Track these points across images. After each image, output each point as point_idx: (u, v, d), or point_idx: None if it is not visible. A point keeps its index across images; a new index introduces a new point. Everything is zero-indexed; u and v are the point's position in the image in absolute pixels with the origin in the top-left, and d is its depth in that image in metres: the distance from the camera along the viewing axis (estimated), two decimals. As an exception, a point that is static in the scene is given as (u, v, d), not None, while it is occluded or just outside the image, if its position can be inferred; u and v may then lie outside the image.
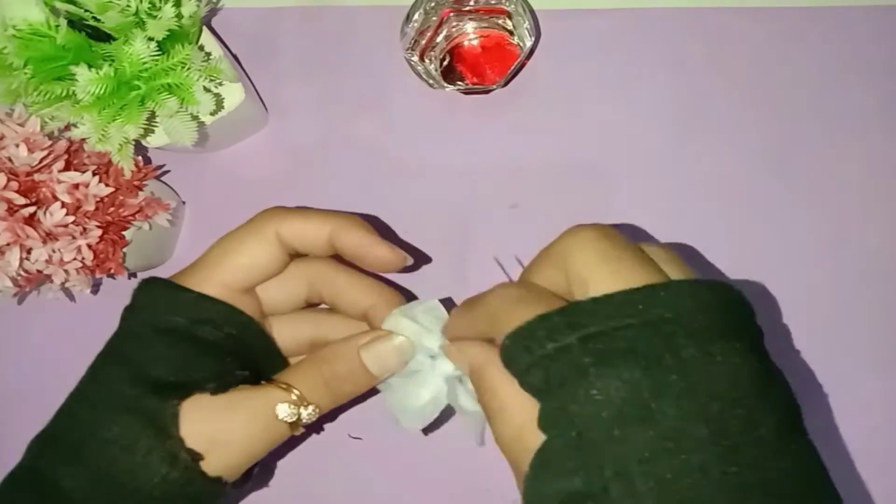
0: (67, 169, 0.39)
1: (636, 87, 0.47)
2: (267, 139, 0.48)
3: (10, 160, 0.37)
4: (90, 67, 0.37)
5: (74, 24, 0.38)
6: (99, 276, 0.41)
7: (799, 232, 0.45)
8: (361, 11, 0.49)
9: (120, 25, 0.38)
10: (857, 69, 0.47)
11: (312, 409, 0.33)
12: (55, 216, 0.37)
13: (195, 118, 0.41)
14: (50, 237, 0.38)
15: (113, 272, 0.41)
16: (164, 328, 0.33)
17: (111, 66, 0.38)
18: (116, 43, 0.38)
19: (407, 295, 0.40)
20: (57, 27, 0.37)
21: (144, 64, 0.38)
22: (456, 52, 0.46)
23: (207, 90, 0.41)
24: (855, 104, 0.46)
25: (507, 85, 0.47)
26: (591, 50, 0.48)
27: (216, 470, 0.31)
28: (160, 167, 0.47)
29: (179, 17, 0.40)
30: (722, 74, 0.47)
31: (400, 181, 0.47)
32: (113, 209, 0.40)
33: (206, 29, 0.44)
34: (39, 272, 0.38)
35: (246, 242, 0.34)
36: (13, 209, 0.37)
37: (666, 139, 0.46)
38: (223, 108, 0.43)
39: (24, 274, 0.38)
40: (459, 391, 0.32)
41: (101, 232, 0.39)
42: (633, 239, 0.28)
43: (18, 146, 0.37)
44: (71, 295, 0.44)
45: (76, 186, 0.38)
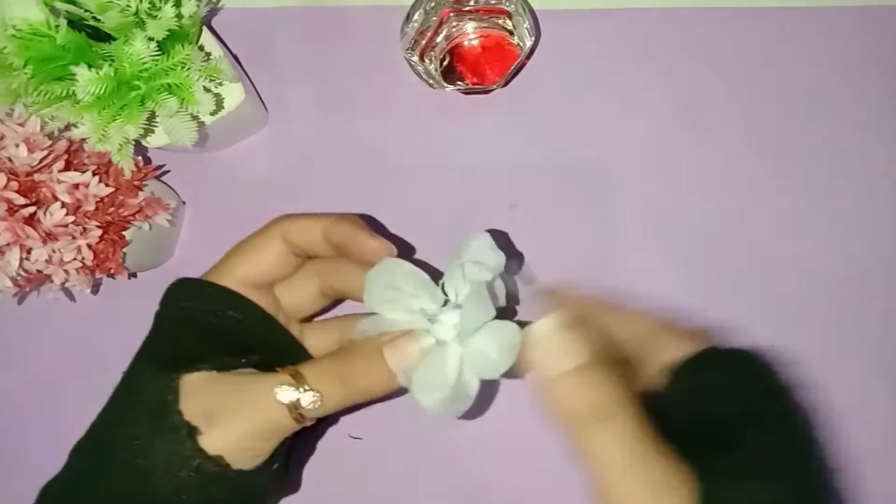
0: (67, 169, 0.39)
1: (636, 86, 0.47)
2: (267, 139, 0.48)
3: (10, 160, 0.37)
4: (90, 67, 0.37)
5: (74, 24, 0.38)
6: (99, 276, 0.41)
7: (798, 231, 0.45)
8: (361, 11, 0.49)
9: (120, 25, 0.38)
10: (856, 69, 0.47)
11: (314, 395, 0.32)
12: (55, 216, 0.37)
13: (195, 118, 0.41)
14: (50, 237, 0.38)
15: (113, 272, 0.41)
16: (177, 315, 0.35)
17: (111, 66, 0.38)
18: (116, 43, 0.38)
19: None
20: (57, 27, 0.37)
21: (144, 64, 0.38)
22: (456, 52, 0.46)
23: (207, 90, 0.41)
24: (854, 104, 0.46)
25: (507, 85, 0.47)
26: (591, 50, 0.48)
27: (215, 447, 0.31)
28: (160, 167, 0.47)
29: (179, 17, 0.40)
30: (721, 74, 0.47)
31: (400, 181, 0.47)
32: (113, 209, 0.40)
33: (206, 29, 0.44)
34: (39, 272, 0.38)
35: (254, 242, 0.36)
36: (13, 209, 0.37)
37: (665, 139, 0.46)
38: (223, 108, 0.43)
39: (24, 274, 0.38)
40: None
41: (101, 232, 0.39)
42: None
43: (18, 146, 0.37)
44: (71, 295, 0.44)
45: (76, 186, 0.38)
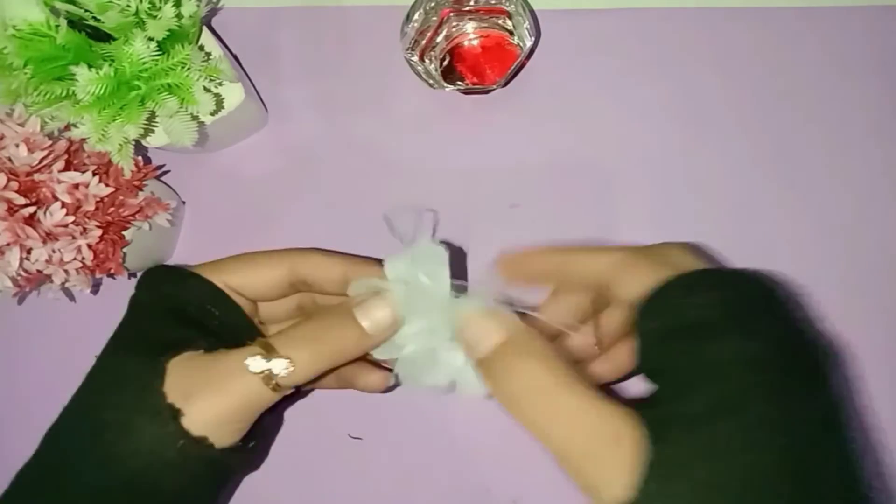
0: (67, 169, 0.39)
1: (636, 86, 0.47)
2: (267, 139, 0.48)
3: (10, 160, 0.37)
4: (90, 67, 0.37)
5: (74, 24, 0.38)
6: (99, 276, 0.41)
7: (798, 231, 0.45)
8: (361, 11, 0.49)
9: (120, 25, 0.38)
10: (855, 69, 0.47)
11: (286, 362, 0.32)
12: (55, 216, 0.37)
13: (195, 118, 0.40)
14: (50, 237, 0.38)
15: (113, 272, 0.41)
16: (160, 300, 0.35)
17: (111, 66, 0.38)
18: (116, 43, 0.38)
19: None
20: (57, 27, 0.37)
21: (144, 64, 0.38)
22: (456, 52, 0.46)
23: (207, 90, 0.41)
24: (853, 104, 0.46)
25: (507, 85, 0.47)
26: (590, 50, 0.48)
27: (199, 427, 0.31)
28: (160, 167, 0.47)
29: (179, 17, 0.40)
30: (721, 74, 0.47)
31: (400, 181, 0.47)
32: (113, 209, 0.40)
33: (206, 29, 0.44)
34: (39, 272, 0.38)
35: (257, 260, 0.37)
36: (13, 209, 0.37)
37: (665, 139, 0.46)
38: (223, 108, 0.43)
39: (24, 274, 0.38)
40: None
41: (101, 232, 0.39)
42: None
43: (18, 146, 0.37)
44: (71, 295, 0.44)
45: (76, 186, 0.38)
